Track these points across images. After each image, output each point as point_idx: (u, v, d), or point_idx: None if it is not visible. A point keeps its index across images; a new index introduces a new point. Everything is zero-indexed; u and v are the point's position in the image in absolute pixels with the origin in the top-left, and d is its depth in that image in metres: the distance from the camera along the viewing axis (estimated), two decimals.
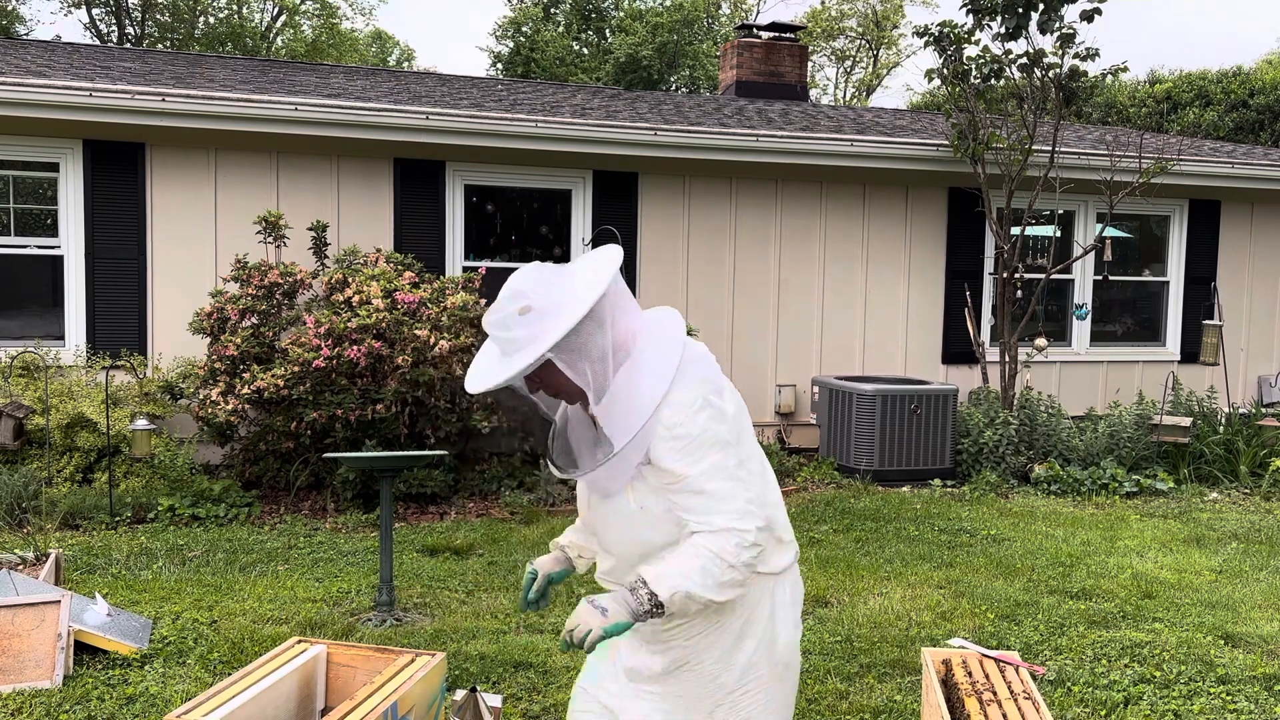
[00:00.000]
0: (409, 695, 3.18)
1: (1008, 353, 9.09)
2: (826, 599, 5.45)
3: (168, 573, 5.63)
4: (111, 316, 8.05)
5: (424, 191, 8.72)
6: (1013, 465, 8.61)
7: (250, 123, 7.93)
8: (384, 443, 7.19)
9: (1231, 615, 5.29)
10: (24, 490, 6.62)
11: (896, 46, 37.32)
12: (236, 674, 3.20)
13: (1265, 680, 4.45)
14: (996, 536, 6.84)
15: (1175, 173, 9.67)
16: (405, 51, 41.33)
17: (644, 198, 9.29)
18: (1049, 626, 5.06)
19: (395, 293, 7.24)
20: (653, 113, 10.13)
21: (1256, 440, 9.05)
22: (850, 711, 4.06)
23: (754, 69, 13.73)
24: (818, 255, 9.80)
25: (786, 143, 9.20)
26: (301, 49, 34.43)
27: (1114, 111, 20.61)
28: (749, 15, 35.64)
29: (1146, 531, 7.08)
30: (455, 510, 7.32)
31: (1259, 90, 18.82)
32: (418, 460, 5.31)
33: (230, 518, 6.83)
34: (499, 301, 2.22)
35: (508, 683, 4.23)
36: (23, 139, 7.85)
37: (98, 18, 32.68)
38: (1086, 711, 4.10)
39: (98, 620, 4.44)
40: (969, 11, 9.29)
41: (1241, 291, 11.00)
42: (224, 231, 8.24)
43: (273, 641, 4.53)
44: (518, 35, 34.09)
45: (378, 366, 7.15)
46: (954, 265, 10.13)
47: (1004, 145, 9.11)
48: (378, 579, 5.32)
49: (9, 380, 7.28)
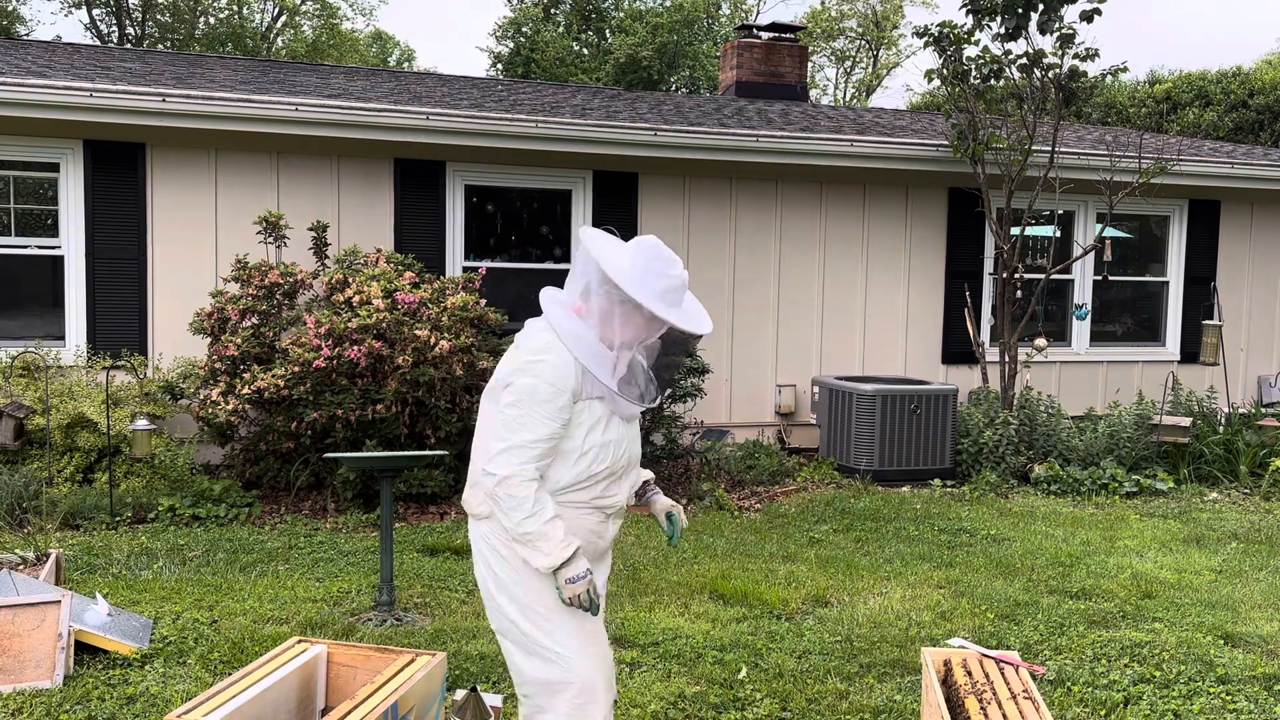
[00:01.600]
0: (409, 695, 3.18)
1: (1007, 353, 9.10)
2: (826, 599, 5.45)
3: (168, 573, 5.64)
4: (112, 316, 8.05)
5: (424, 191, 8.73)
6: (1013, 465, 8.61)
7: (250, 123, 7.94)
8: (384, 443, 7.19)
9: (1231, 615, 5.29)
10: (24, 490, 6.62)
11: (896, 47, 37.32)
12: (237, 674, 3.20)
13: (1265, 680, 4.45)
14: (996, 536, 6.84)
15: (1175, 173, 9.67)
16: (405, 52, 41.34)
17: (644, 198, 9.29)
18: (1049, 626, 5.06)
19: (395, 293, 7.24)
20: (653, 113, 10.13)
21: (1256, 440, 9.05)
22: (850, 711, 4.07)
23: (754, 69, 13.73)
24: (817, 255, 9.80)
25: (786, 143, 9.20)
26: (302, 49, 34.44)
27: (1114, 112, 20.62)
28: (749, 15, 35.64)
29: (1146, 531, 7.09)
30: (455, 510, 7.32)
31: (1259, 90, 18.83)
32: (418, 460, 5.31)
33: (230, 518, 6.83)
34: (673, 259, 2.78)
35: (508, 683, 4.23)
36: (23, 139, 7.85)
37: (98, 18, 32.70)
38: (1086, 711, 4.11)
39: (98, 620, 4.45)
40: (969, 12, 9.29)
41: (1241, 291, 11.00)
42: (224, 231, 8.25)
43: (273, 641, 4.54)
44: (518, 36, 34.10)
45: (378, 366, 7.15)
46: (954, 265, 10.13)
47: (1004, 145, 9.11)
48: (378, 579, 5.32)
49: (9, 380, 7.29)
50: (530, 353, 2.77)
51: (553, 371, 2.71)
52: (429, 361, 7.16)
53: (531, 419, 2.70)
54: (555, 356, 2.73)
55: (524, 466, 2.69)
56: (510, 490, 2.69)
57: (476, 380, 7.55)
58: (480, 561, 2.90)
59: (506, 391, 2.77)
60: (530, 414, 2.70)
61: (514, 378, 2.76)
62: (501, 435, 2.73)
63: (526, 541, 2.70)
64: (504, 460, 2.70)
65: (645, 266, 2.72)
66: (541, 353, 2.74)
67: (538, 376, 2.71)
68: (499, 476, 2.69)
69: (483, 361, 7.49)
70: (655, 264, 2.74)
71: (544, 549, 2.68)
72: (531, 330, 2.87)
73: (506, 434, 2.71)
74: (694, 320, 2.80)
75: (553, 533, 2.69)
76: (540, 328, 2.83)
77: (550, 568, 2.70)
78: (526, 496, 2.68)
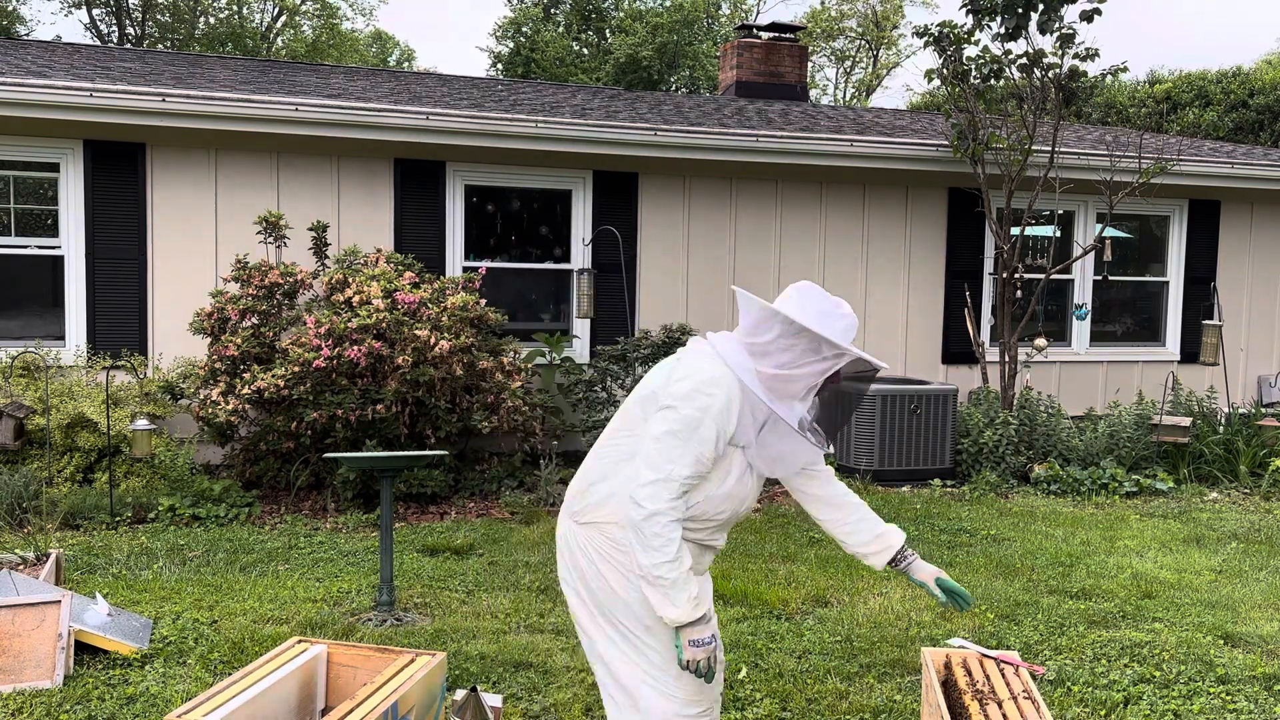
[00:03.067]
0: (409, 695, 3.19)
1: (1007, 353, 9.10)
2: (826, 599, 5.45)
3: (168, 573, 5.64)
4: (112, 316, 8.06)
5: (424, 191, 8.73)
6: (1012, 465, 8.61)
7: (250, 123, 7.94)
8: (384, 443, 7.19)
9: (1231, 615, 5.29)
10: (24, 490, 6.62)
11: (896, 47, 37.32)
12: (237, 674, 3.20)
13: (1265, 680, 4.45)
14: (996, 536, 6.84)
15: (1175, 173, 9.67)
16: (405, 52, 41.34)
17: (644, 198, 9.29)
18: (1049, 626, 5.06)
19: (395, 293, 7.24)
20: (653, 113, 10.13)
21: (1256, 440, 9.05)
22: (850, 711, 4.07)
23: (754, 69, 13.73)
24: (817, 255, 9.80)
25: (786, 143, 9.20)
26: (302, 49, 34.44)
27: (1114, 112, 20.61)
28: (749, 15, 35.64)
29: (1146, 531, 7.09)
30: (455, 510, 7.32)
31: (1259, 90, 18.83)
32: (418, 460, 5.31)
33: (230, 518, 6.83)
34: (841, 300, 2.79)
35: (508, 683, 4.24)
36: (23, 139, 7.85)
37: (98, 18, 32.70)
38: (1086, 711, 4.11)
39: (98, 620, 4.45)
40: (969, 12, 9.29)
41: (1241, 291, 11.00)
42: (224, 231, 8.25)
43: (273, 641, 4.54)
44: (518, 35, 34.10)
45: (378, 366, 7.15)
46: (954, 265, 10.13)
47: (1004, 145, 9.11)
48: (378, 579, 5.32)
49: (9, 380, 7.29)
50: (700, 383, 2.64)
51: (720, 410, 2.62)
52: (429, 361, 7.16)
53: (690, 454, 2.60)
54: (725, 393, 2.63)
55: (674, 503, 2.59)
56: (657, 529, 2.57)
57: (476, 380, 7.56)
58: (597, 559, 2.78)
59: (665, 414, 2.64)
60: (689, 448, 2.60)
61: (679, 404, 2.62)
62: (655, 464, 2.60)
63: (658, 586, 2.58)
64: (655, 493, 2.58)
65: (820, 308, 2.71)
66: (712, 386, 2.63)
67: (704, 411, 2.60)
68: (647, 510, 2.57)
69: (483, 361, 7.49)
70: (827, 304, 2.73)
71: (675, 600, 2.58)
72: (699, 353, 2.74)
73: (662, 463, 2.59)
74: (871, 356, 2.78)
75: (688, 586, 2.58)
76: (706, 353, 2.72)
77: (676, 623, 2.60)
78: (672, 539, 2.57)
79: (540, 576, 5.71)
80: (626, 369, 8.11)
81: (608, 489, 2.77)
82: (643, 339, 8.20)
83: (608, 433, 2.88)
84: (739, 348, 2.71)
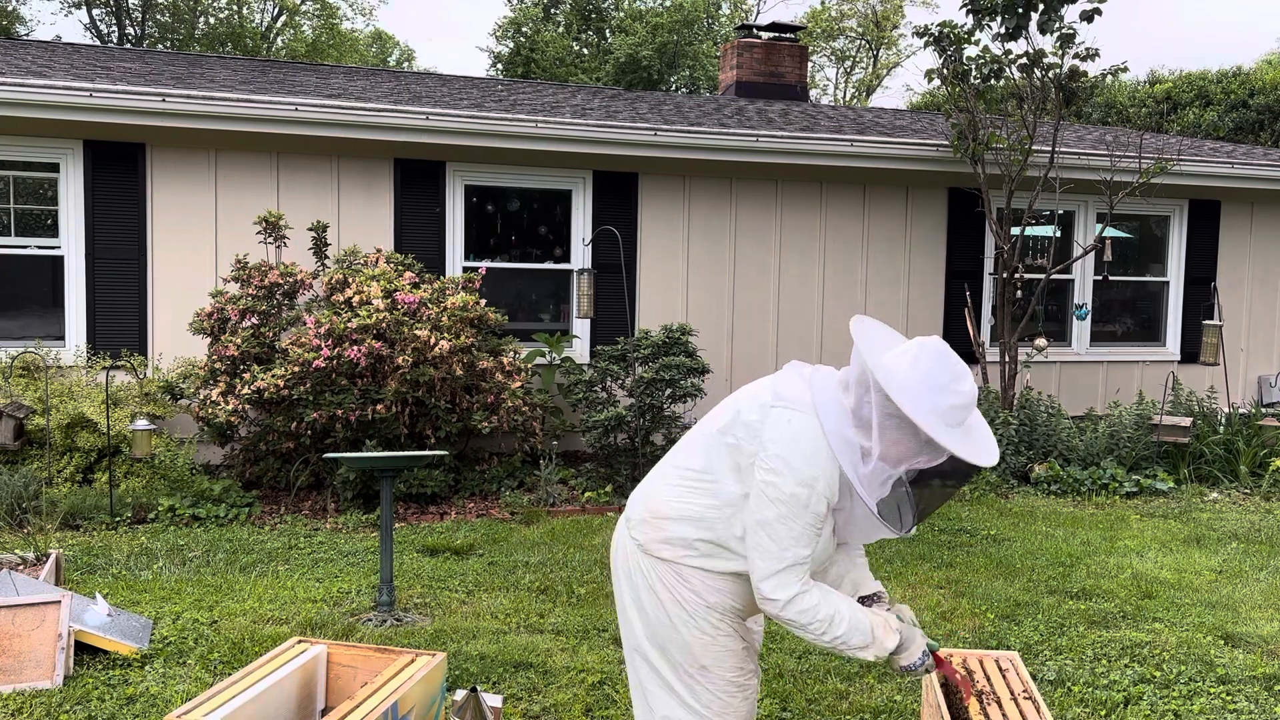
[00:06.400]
0: (409, 695, 3.18)
1: (1008, 353, 9.10)
2: None
3: (168, 573, 5.63)
4: (112, 316, 8.06)
5: (424, 192, 8.73)
6: (1013, 465, 8.61)
7: (250, 123, 7.94)
8: (384, 443, 7.19)
9: (1231, 615, 5.29)
10: (24, 490, 6.62)
11: (896, 47, 37.33)
12: (237, 674, 3.20)
13: (1265, 680, 4.45)
14: (996, 536, 6.84)
15: (1175, 173, 9.67)
16: (405, 52, 41.32)
17: (644, 198, 9.29)
18: (1049, 626, 5.06)
19: (395, 293, 7.24)
20: (653, 113, 10.13)
21: (1256, 440, 9.05)
22: (850, 711, 4.06)
23: (754, 69, 13.73)
24: (817, 255, 9.80)
25: (786, 143, 9.20)
26: (301, 49, 34.44)
27: (1114, 112, 20.62)
28: (749, 15, 35.65)
29: (1146, 531, 7.08)
30: (455, 510, 7.32)
31: (1259, 90, 18.83)
32: (418, 460, 5.31)
33: (230, 518, 6.83)
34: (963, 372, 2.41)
35: (508, 683, 4.24)
36: (23, 139, 7.85)
37: (98, 18, 32.70)
38: (1086, 711, 4.10)
39: (98, 620, 4.44)
40: (969, 12, 9.29)
41: (1241, 291, 11.00)
42: (224, 231, 8.25)
43: (273, 641, 4.53)
44: (518, 36, 34.09)
45: (378, 367, 7.15)
46: (954, 265, 10.13)
47: (1004, 145, 9.11)
48: (378, 579, 5.32)
49: (9, 380, 7.28)
50: (803, 456, 2.42)
51: (826, 487, 2.43)
52: (429, 361, 7.16)
53: (806, 534, 2.44)
54: (828, 467, 2.42)
55: (804, 583, 2.45)
56: (803, 607, 2.44)
57: (476, 380, 7.56)
58: (663, 593, 2.63)
59: (767, 491, 2.44)
60: (803, 529, 2.43)
61: (778, 480, 2.42)
62: (772, 553, 2.43)
63: (848, 651, 2.49)
64: (782, 582, 2.43)
65: (926, 378, 2.36)
66: (814, 459, 2.42)
67: (811, 488, 2.41)
68: (782, 600, 2.43)
69: (483, 361, 7.49)
70: (940, 375, 2.37)
71: (857, 644, 2.49)
72: (795, 403, 2.51)
73: (778, 552, 2.43)
74: (979, 449, 2.41)
75: (860, 623, 2.48)
76: (805, 407, 2.48)
77: (880, 659, 2.53)
78: (818, 607, 2.45)
79: (540, 577, 5.71)
80: (626, 369, 8.11)
81: (681, 533, 2.59)
82: (643, 339, 8.20)
83: (682, 457, 2.68)
84: (839, 412, 2.45)
